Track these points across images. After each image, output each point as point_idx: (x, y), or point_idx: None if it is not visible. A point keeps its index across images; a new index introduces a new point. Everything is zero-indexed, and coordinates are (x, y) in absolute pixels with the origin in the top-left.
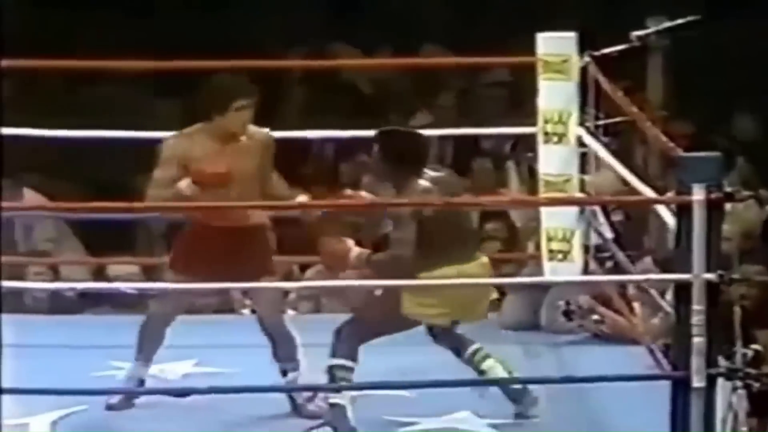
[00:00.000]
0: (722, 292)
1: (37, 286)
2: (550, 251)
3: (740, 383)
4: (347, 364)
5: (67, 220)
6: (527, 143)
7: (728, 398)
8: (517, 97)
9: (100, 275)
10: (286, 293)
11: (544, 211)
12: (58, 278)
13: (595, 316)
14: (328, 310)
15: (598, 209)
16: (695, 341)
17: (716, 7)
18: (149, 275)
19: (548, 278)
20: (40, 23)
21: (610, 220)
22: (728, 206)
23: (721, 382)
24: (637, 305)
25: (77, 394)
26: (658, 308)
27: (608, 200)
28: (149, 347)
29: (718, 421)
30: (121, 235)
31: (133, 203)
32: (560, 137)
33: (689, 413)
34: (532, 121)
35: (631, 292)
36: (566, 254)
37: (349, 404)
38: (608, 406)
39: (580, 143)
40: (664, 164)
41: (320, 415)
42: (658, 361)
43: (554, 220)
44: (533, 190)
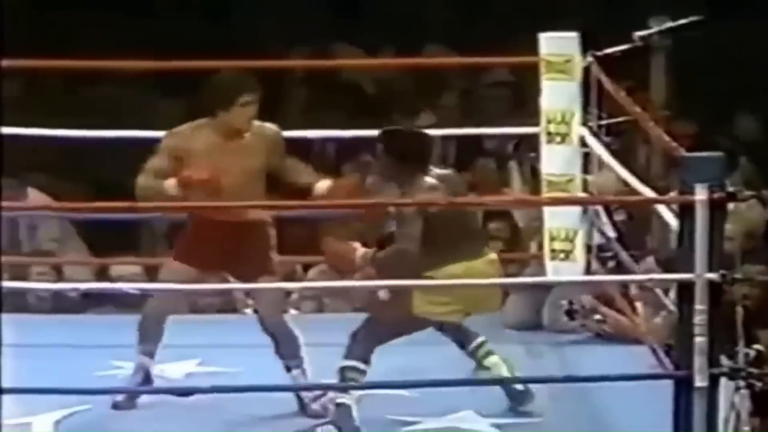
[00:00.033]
0: (725, 291)
1: (39, 286)
2: (552, 251)
3: (743, 383)
4: (359, 366)
5: (71, 219)
6: (530, 143)
7: (731, 398)
8: (519, 97)
9: (103, 275)
10: (288, 293)
11: (546, 210)
12: (61, 278)
13: (597, 315)
14: (331, 309)
15: (600, 209)
16: (698, 341)
17: (719, 7)
18: (152, 275)
19: (551, 278)
20: (40, 23)
21: (612, 219)
22: (731, 206)
23: (723, 381)
24: (639, 305)
25: (80, 393)
26: (660, 308)
27: (611, 200)
28: (150, 341)
29: (720, 420)
30: (124, 235)
31: (136, 203)
32: (563, 137)
33: (692, 413)
34: (534, 121)
35: (633, 291)
36: (569, 254)
37: (354, 404)
38: (611, 405)
39: (582, 143)
40: (666, 164)
41: (325, 414)
42: (660, 360)
43: (557, 219)
44: (536, 190)
